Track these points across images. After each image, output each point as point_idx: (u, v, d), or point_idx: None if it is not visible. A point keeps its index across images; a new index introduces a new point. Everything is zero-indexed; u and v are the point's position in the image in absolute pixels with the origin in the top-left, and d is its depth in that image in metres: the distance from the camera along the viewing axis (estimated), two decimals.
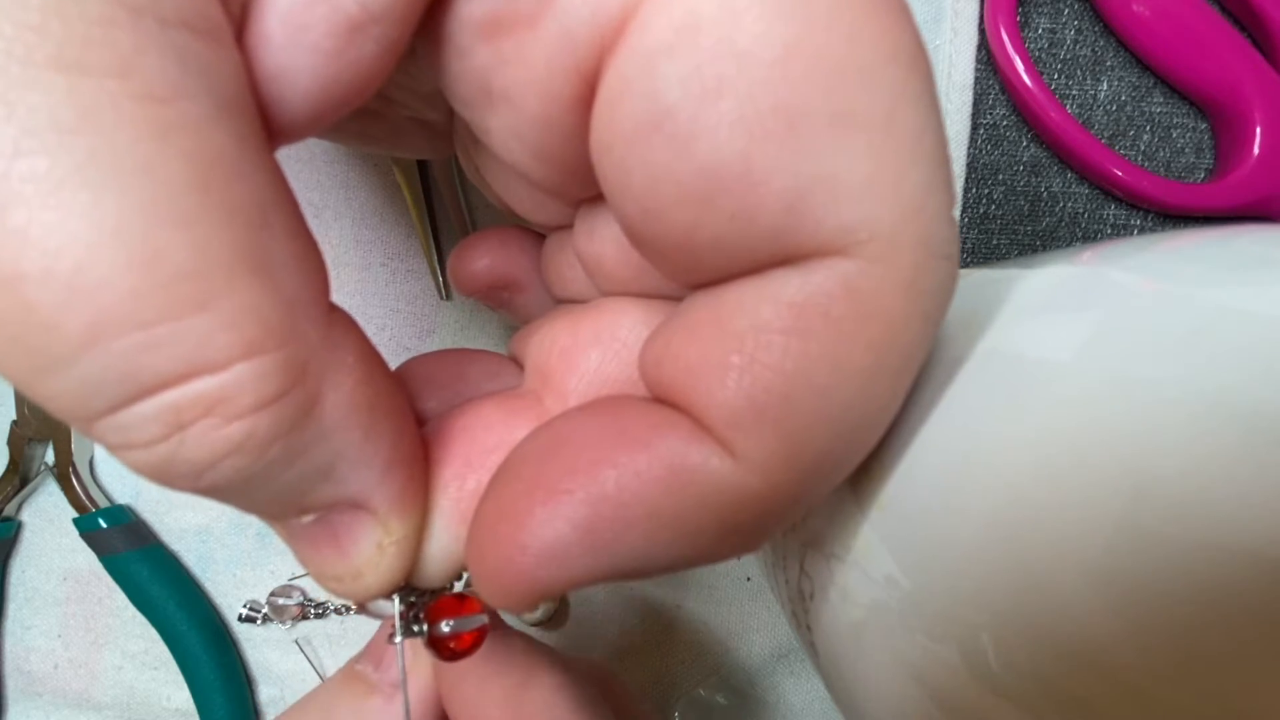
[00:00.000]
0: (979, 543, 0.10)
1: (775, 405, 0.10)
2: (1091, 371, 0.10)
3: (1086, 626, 0.09)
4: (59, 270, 0.08)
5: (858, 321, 0.09)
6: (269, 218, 0.09)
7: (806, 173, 0.09)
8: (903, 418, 0.12)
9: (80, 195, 0.08)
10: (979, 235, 0.28)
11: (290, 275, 0.10)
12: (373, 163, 0.26)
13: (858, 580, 0.13)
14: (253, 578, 0.28)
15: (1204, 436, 0.09)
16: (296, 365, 0.09)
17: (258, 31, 0.10)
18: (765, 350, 0.10)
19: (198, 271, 0.08)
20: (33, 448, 0.27)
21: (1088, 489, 0.09)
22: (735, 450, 0.10)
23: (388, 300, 0.27)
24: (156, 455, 0.09)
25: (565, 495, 0.11)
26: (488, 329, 0.27)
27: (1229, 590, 0.08)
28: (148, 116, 0.08)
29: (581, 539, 0.10)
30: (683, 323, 0.11)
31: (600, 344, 0.14)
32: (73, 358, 0.08)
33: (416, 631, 0.13)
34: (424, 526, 0.13)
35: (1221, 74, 0.26)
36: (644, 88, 0.09)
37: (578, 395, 0.14)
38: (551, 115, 0.10)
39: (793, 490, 0.10)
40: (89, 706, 0.29)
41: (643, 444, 0.11)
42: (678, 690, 0.28)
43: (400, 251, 0.27)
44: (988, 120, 0.27)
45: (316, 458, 0.10)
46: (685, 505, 0.10)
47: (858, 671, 0.13)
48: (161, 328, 0.08)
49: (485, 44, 0.10)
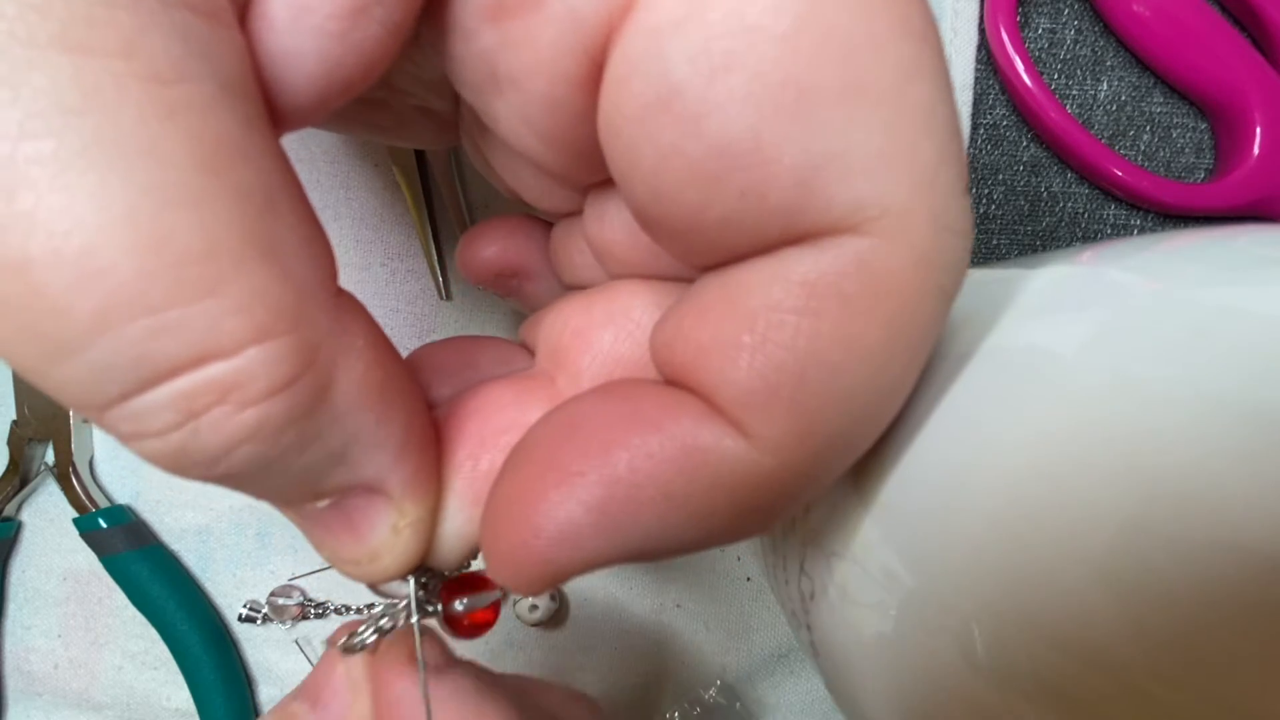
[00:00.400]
0: (980, 542, 0.10)
1: (788, 385, 0.10)
2: (1092, 371, 0.10)
3: (1088, 625, 0.09)
4: (67, 253, 0.08)
5: (871, 299, 0.09)
6: (276, 202, 0.09)
7: (817, 148, 0.09)
8: (905, 416, 0.12)
9: (87, 177, 0.08)
10: (979, 235, 0.28)
11: (298, 260, 0.09)
12: (373, 163, 0.26)
13: (858, 579, 0.13)
14: (253, 578, 0.28)
15: (1204, 436, 0.09)
16: (308, 349, 0.09)
17: (261, 14, 0.10)
18: (777, 329, 0.10)
19: (207, 255, 0.08)
20: (33, 448, 0.27)
21: (1089, 488, 0.09)
22: (748, 430, 0.10)
23: (388, 300, 0.27)
24: (170, 444, 0.09)
25: (578, 477, 0.10)
26: (488, 329, 0.27)
27: (1231, 589, 0.08)
28: (153, 97, 0.08)
29: (595, 521, 0.10)
30: (694, 304, 0.11)
31: (613, 324, 0.14)
32: (83, 343, 0.08)
33: (431, 611, 0.13)
34: (438, 508, 0.13)
35: (1221, 74, 0.26)
36: (652, 66, 0.09)
37: (590, 375, 0.14)
38: (559, 98, 0.10)
39: (806, 470, 0.10)
40: (89, 706, 0.29)
41: (655, 425, 0.10)
42: (678, 690, 0.28)
43: (400, 251, 0.27)
44: (988, 120, 0.27)
45: (330, 442, 0.10)
46: (698, 486, 0.10)
47: (858, 671, 0.13)
48: (172, 312, 0.08)
49: (491, 26, 0.10)
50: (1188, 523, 0.09)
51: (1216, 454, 0.09)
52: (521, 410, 0.13)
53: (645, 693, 0.28)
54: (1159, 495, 0.09)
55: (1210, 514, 0.09)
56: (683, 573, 0.28)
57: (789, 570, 0.16)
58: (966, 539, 0.11)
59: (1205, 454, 0.09)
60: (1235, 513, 0.08)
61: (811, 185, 0.09)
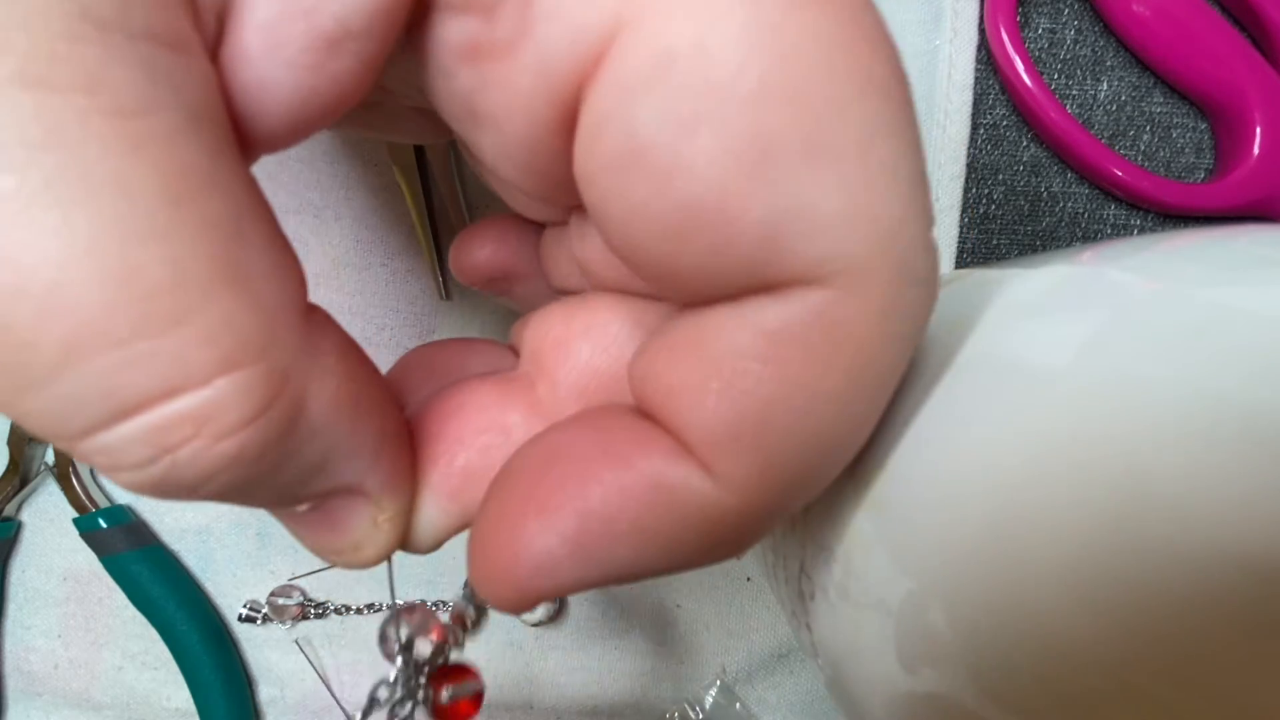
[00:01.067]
0: (979, 542, 0.10)
1: (751, 430, 0.10)
2: (1091, 371, 0.10)
3: (1088, 627, 0.09)
4: (33, 288, 0.08)
5: (833, 348, 0.10)
6: (244, 228, 0.09)
7: (781, 206, 0.09)
8: (903, 418, 0.12)
9: (51, 213, 0.08)
10: (979, 235, 0.28)
11: (267, 284, 0.10)
12: (373, 163, 0.26)
13: (858, 579, 0.13)
14: (253, 578, 0.28)
15: (1203, 437, 0.09)
16: (278, 375, 0.10)
17: (235, 44, 0.10)
18: (742, 377, 0.10)
19: (173, 286, 0.08)
20: (33, 448, 0.27)
21: (1087, 489, 0.09)
22: (713, 470, 0.10)
23: (388, 300, 0.27)
24: (148, 476, 0.09)
25: (556, 510, 0.11)
26: (487, 330, 0.27)
27: (1229, 592, 0.08)
28: (117, 131, 0.08)
29: (571, 551, 0.11)
30: (665, 343, 0.11)
31: (591, 338, 0.14)
32: (50, 376, 0.08)
33: (422, 700, 0.14)
34: (415, 501, 0.13)
35: (1221, 74, 0.26)
36: (621, 123, 0.09)
37: (567, 386, 0.14)
38: (537, 138, 0.11)
39: (769, 507, 0.11)
40: (89, 706, 0.29)
41: (627, 461, 0.11)
42: (677, 690, 0.28)
43: (400, 251, 0.27)
44: (988, 120, 0.27)
45: (308, 457, 0.11)
46: (667, 521, 0.11)
47: (858, 671, 0.13)
48: (139, 344, 0.08)
49: (468, 67, 0.10)
50: (1186, 523, 0.09)
51: (1215, 454, 0.09)
52: (501, 412, 0.14)
53: (645, 693, 0.28)
54: (1157, 495, 0.09)
55: (1209, 514, 0.09)
56: (683, 573, 0.28)
57: (789, 570, 0.16)
58: (966, 539, 0.11)
59: (1204, 454, 0.09)
60: (1234, 514, 0.08)
61: (776, 241, 0.09)
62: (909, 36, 0.26)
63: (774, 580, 0.17)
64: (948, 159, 0.26)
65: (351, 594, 0.28)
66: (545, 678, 0.28)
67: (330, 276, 0.27)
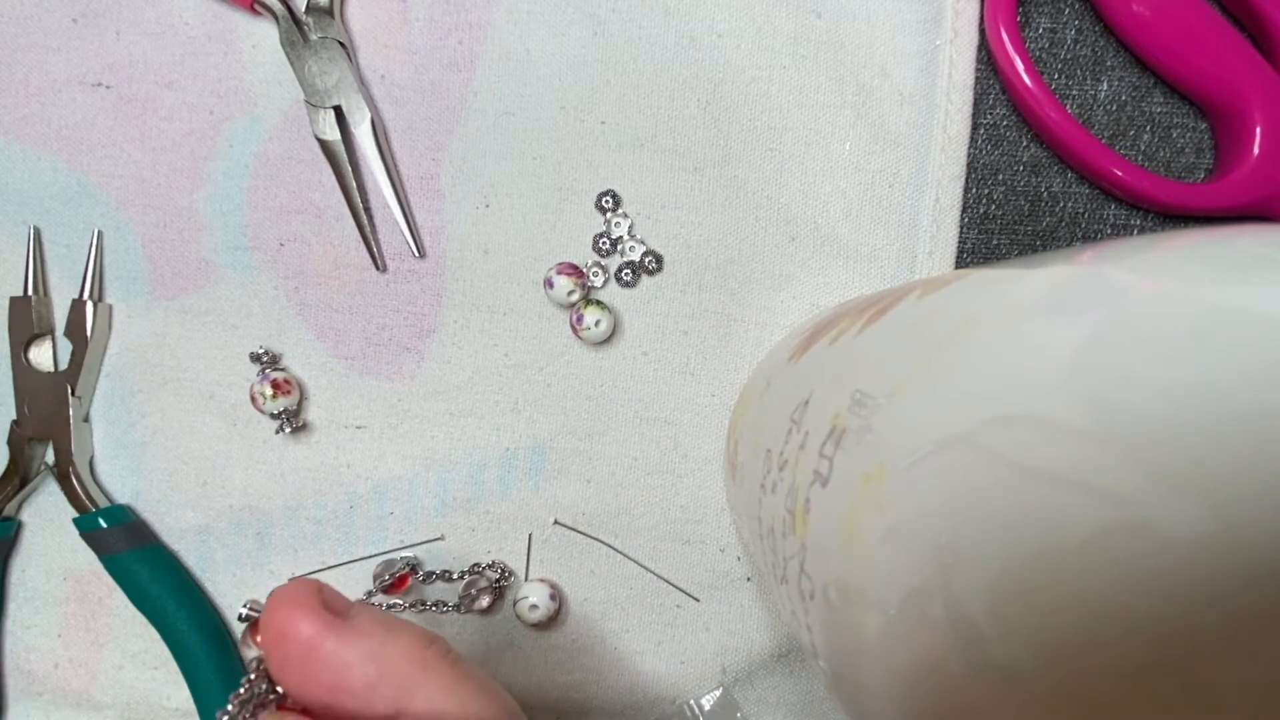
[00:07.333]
0: (982, 540, 0.10)
1: None
2: (1091, 371, 0.10)
3: (1089, 624, 0.09)
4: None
5: None
6: None
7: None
8: (904, 418, 0.12)
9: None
10: (979, 235, 0.28)
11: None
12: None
13: (858, 579, 0.13)
14: (253, 578, 0.28)
15: (1203, 436, 0.09)
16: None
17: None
18: None
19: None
20: (33, 448, 0.27)
21: (1087, 489, 0.09)
22: None
23: (388, 300, 0.27)
24: None
25: None
26: (487, 330, 0.27)
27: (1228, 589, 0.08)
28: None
29: None
30: None
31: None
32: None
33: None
34: None
35: (1221, 74, 0.26)
36: None
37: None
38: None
39: None
40: (89, 706, 0.29)
41: None
42: (678, 690, 0.28)
43: (400, 251, 0.27)
44: (988, 120, 0.27)
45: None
46: None
47: (858, 671, 0.13)
48: None
49: None
50: (1189, 524, 0.09)
51: (1216, 455, 0.09)
52: None
53: (645, 693, 0.28)
54: (1158, 494, 0.09)
55: (1209, 516, 0.09)
56: (683, 573, 0.28)
57: (789, 570, 0.16)
58: (968, 538, 0.11)
59: (1204, 454, 0.09)
60: (1235, 514, 0.08)
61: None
62: (909, 36, 0.26)
63: (774, 580, 0.17)
64: (948, 159, 0.27)
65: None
66: (545, 678, 0.28)
67: (330, 276, 0.27)
